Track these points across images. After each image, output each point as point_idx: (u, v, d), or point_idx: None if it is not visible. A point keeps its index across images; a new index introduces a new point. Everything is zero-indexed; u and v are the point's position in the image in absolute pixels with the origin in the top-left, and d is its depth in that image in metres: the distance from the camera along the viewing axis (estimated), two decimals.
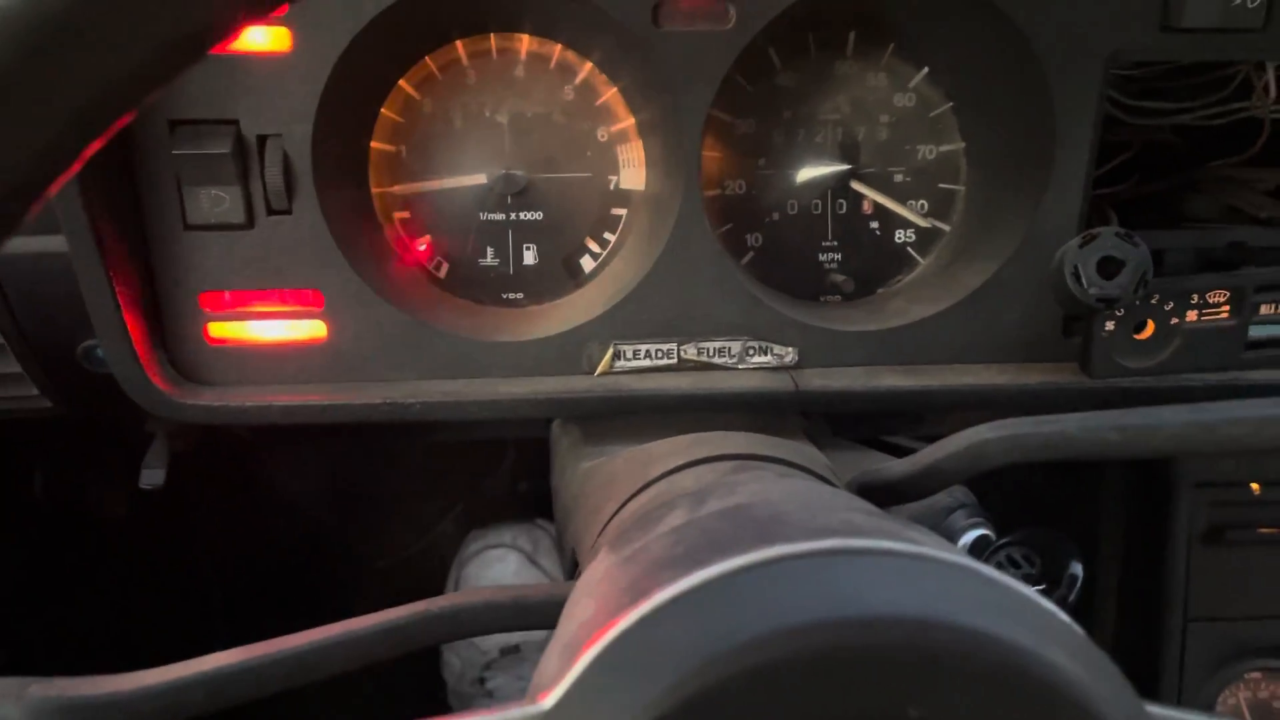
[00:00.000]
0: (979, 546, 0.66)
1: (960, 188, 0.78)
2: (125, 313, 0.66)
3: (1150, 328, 0.71)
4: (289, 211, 0.68)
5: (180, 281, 0.69)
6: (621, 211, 0.76)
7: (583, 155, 0.75)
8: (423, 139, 0.73)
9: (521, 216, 0.75)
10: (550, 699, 0.30)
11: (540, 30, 0.72)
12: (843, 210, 0.78)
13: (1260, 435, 0.45)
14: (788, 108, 0.76)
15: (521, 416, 0.72)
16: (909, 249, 0.80)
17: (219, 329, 0.70)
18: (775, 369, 0.74)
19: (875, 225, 0.79)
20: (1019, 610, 0.30)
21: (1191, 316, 0.71)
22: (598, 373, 0.73)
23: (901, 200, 0.78)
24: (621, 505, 0.55)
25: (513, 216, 0.75)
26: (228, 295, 0.70)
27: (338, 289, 0.70)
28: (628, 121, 0.74)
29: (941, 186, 0.78)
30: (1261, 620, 0.88)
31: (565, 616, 0.38)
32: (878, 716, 0.28)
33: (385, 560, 1.49)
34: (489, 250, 0.76)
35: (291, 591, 1.41)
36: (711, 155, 0.76)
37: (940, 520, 0.67)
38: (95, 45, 0.23)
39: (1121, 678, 0.30)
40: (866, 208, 0.78)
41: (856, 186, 0.77)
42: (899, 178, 0.78)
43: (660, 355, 0.73)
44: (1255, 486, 0.87)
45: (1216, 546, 0.87)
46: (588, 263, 0.77)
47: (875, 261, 0.79)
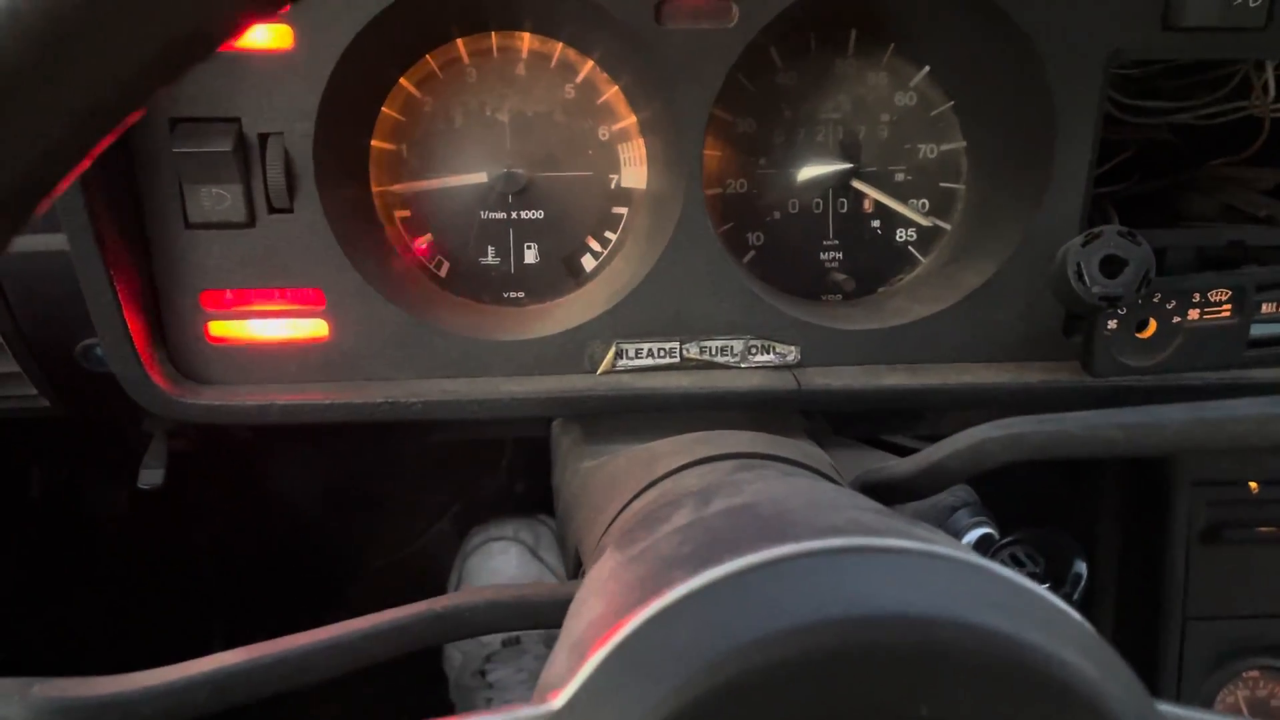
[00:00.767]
0: (983, 545, 0.66)
1: (961, 187, 0.78)
2: (126, 311, 0.65)
3: (1152, 326, 0.72)
4: (290, 210, 0.68)
5: (181, 280, 0.69)
6: (623, 210, 0.76)
7: (584, 154, 0.75)
8: (424, 137, 0.73)
9: (522, 215, 0.75)
10: (560, 698, 0.30)
11: (541, 28, 0.72)
12: (844, 209, 0.78)
13: (1262, 433, 0.45)
14: (789, 106, 0.76)
15: (523, 416, 0.72)
16: (910, 248, 0.80)
17: (220, 328, 0.70)
18: (777, 368, 0.74)
19: (876, 224, 0.79)
20: (1031, 608, 0.30)
21: (1193, 315, 0.71)
22: (600, 372, 0.73)
23: (902, 199, 0.78)
24: (625, 504, 0.55)
25: (514, 215, 0.75)
26: (229, 294, 0.69)
27: (339, 288, 0.69)
28: (629, 120, 0.74)
29: (942, 185, 0.78)
30: (1260, 619, 0.88)
31: (572, 615, 0.38)
32: (889, 715, 0.28)
33: (383, 559, 1.49)
34: (490, 249, 0.76)
35: (290, 590, 1.41)
36: (713, 154, 0.76)
37: (944, 519, 0.67)
38: (103, 43, 0.23)
39: (1133, 676, 0.30)
40: (867, 206, 0.78)
41: (858, 185, 0.77)
42: (900, 177, 0.78)
43: (663, 354, 0.73)
44: (1254, 485, 0.87)
45: (1215, 545, 0.87)
46: (589, 261, 0.77)
47: (876, 260, 0.79)
